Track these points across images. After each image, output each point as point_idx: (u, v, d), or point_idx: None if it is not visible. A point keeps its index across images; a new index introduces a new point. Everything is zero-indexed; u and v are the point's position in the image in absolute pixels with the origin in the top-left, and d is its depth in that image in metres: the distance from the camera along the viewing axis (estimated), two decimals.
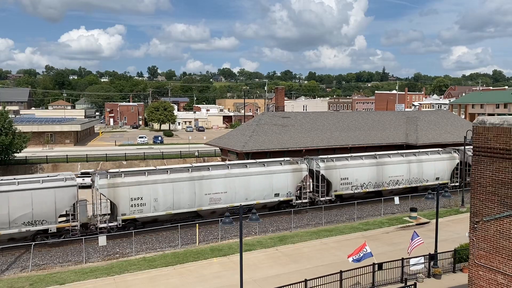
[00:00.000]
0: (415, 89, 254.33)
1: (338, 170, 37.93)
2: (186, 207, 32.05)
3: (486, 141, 13.92)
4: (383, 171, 40.11)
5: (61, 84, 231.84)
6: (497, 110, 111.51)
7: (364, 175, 39.09)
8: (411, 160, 41.51)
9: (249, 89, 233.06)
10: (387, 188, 40.22)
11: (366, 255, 21.40)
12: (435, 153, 43.46)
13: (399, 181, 40.82)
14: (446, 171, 43.42)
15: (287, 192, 35.77)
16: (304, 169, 36.57)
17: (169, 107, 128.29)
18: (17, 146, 56.98)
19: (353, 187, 38.65)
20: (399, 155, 41.74)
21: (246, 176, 34.21)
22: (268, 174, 35.02)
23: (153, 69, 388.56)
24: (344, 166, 38.26)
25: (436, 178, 42.65)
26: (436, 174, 42.68)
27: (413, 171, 41.51)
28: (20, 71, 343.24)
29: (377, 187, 39.81)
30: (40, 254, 27.35)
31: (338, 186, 37.98)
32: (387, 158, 40.68)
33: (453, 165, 43.81)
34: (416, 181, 41.79)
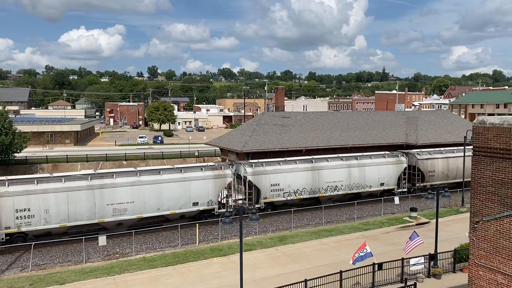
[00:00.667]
0: (415, 89, 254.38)
1: (268, 175, 35.19)
2: (84, 219, 28.99)
3: (486, 141, 13.93)
4: (320, 176, 37.26)
5: (61, 84, 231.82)
6: (497, 110, 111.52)
7: (298, 181, 36.35)
8: (351, 164, 38.74)
9: (249, 89, 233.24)
10: (324, 194, 37.44)
11: (366, 255, 21.41)
12: (380, 157, 40.77)
13: (338, 187, 38.00)
14: (392, 176, 40.66)
15: (208, 201, 32.69)
16: (228, 175, 33.78)
17: (169, 107, 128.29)
18: (17, 146, 56.98)
19: (285, 194, 35.91)
20: (338, 159, 38.92)
21: (158, 183, 31.07)
22: (185, 181, 31.90)
23: (153, 69, 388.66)
24: (275, 171, 35.56)
25: (380, 184, 39.98)
26: (380, 179, 39.94)
27: (354, 176, 38.71)
28: (20, 71, 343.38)
29: (313, 193, 37.04)
30: (40, 254, 27.36)
31: (268, 193, 35.22)
32: (324, 162, 37.96)
33: (400, 169, 41.12)
34: (358, 187, 38.92)
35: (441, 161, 43.34)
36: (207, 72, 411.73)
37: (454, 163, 43.92)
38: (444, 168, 43.57)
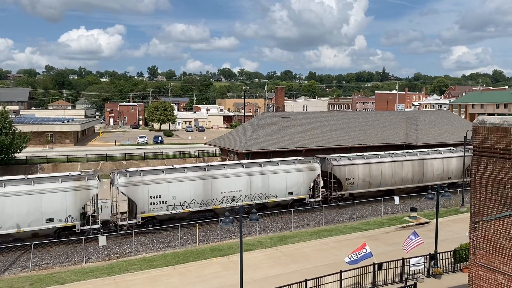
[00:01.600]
0: (415, 89, 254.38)
1: (146, 186, 30.76)
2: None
3: (486, 141, 13.93)
4: (214, 186, 33.07)
5: (61, 84, 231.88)
6: (497, 110, 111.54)
7: (186, 192, 32.04)
8: (253, 171, 34.66)
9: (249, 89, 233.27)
10: (219, 206, 33.30)
11: (366, 255, 21.40)
12: (289, 163, 36.57)
13: (236, 197, 33.85)
14: (303, 184, 36.36)
15: (67, 217, 28.52)
16: (92, 187, 29.34)
17: (169, 107, 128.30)
18: (17, 146, 56.98)
19: (169, 207, 31.55)
20: (237, 166, 34.95)
21: None
22: (35, 194, 27.80)
23: (153, 69, 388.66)
24: (155, 181, 31.14)
25: (289, 193, 35.87)
26: (289, 188, 35.79)
27: (255, 185, 34.52)
28: (20, 71, 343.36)
29: (206, 205, 32.84)
30: (40, 254, 27.36)
31: (147, 206, 30.84)
32: (219, 170, 33.81)
33: (313, 177, 36.85)
34: (261, 197, 34.81)
35: (361, 167, 38.89)
36: (207, 72, 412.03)
37: (377, 169, 39.62)
38: (366, 175, 39.00)
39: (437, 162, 43.17)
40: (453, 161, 44.05)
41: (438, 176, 43.23)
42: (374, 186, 39.98)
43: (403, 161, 41.34)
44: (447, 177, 43.91)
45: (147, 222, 31.38)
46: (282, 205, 36.42)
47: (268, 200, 35.43)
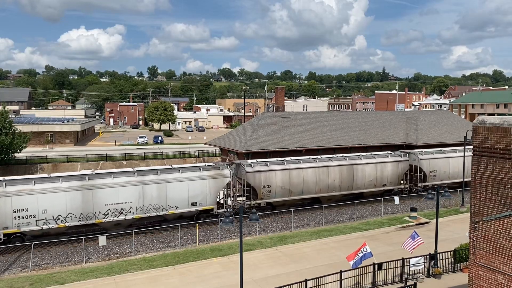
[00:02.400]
0: (415, 89, 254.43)
1: (8, 198, 26.92)
2: None
3: (486, 141, 13.93)
4: (96, 197, 29.09)
5: (61, 84, 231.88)
6: (497, 110, 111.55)
7: (60, 204, 28.11)
8: (147, 180, 30.64)
9: (249, 89, 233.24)
10: (104, 220, 29.46)
11: (366, 255, 21.40)
12: (193, 170, 32.91)
13: (125, 210, 29.88)
14: (209, 193, 32.82)
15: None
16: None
17: (169, 107, 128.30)
18: (17, 146, 57.02)
19: (40, 222, 27.66)
20: (129, 174, 30.75)
21: None
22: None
23: (153, 69, 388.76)
24: (20, 193, 27.22)
25: (192, 204, 32.21)
26: (192, 198, 32.12)
27: (149, 195, 30.61)
28: (20, 71, 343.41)
29: (87, 219, 28.91)
30: (40, 254, 27.36)
31: (10, 222, 26.98)
32: (104, 179, 29.54)
33: (221, 185, 33.59)
34: (157, 209, 30.97)
35: (280, 173, 35.61)
36: (207, 72, 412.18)
37: (299, 176, 36.44)
38: (285, 182, 35.73)
39: (369, 168, 39.45)
40: (388, 167, 40.37)
41: (371, 183, 39.62)
42: (296, 194, 36.35)
43: (329, 167, 37.68)
44: (382, 183, 40.21)
45: (13, 239, 27.57)
46: (186, 217, 32.77)
47: (167, 212, 31.47)
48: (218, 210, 33.65)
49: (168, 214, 31.74)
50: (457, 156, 43.50)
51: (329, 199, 38.54)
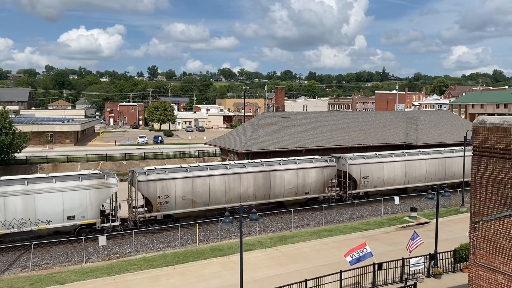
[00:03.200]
0: (415, 89, 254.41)
1: None
2: None
3: (486, 141, 13.93)
4: None
5: (61, 84, 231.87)
6: (497, 110, 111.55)
7: None
8: (9, 192, 27.07)
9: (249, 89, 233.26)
10: None
11: (366, 255, 21.41)
12: (70, 179, 29.16)
13: None
14: (91, 205, 29.11)
15: None
16: None
17: (169, 107, 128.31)
18: (17, 146, 57.00)
19: None
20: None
21: None
22: None
23: (153, 69, 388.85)
24: None
25: (69, 217, 28.51)
26: (68, 211, 28.46)
27: (12, 209, 27.08)
28: (20, 71, 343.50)
29: None
30: (40, 254, 27.36)
31: None
32: None
33: (105, 196, 29.90)
34: (24, 224, 27.47)
35: (180, 182, 31.75)
36: (207, 72, 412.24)
37: (204, 184, 32.49)
38: (187, 192, 31.92)
39: (289, 174, 35.69)
40: (311, 173, 36.57)
41: (291, 190, 35.87)
42: (201, 205, 32.66)
43: (241, 174, 33.90)
44: (304, 191, 36.50)
45: None
46: (63, 232, 29.38)
47: (36, 228, 27.93)
48: (104, 224, 29.96)
49: (38, 230, 28.14)
50: (392, 161, 40.58)
51: (244, 209, 32.89)
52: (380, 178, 39.88)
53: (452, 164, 43.42)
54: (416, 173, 41.80)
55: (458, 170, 42.10)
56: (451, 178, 43.73)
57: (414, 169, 41.61)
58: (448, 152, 44.25)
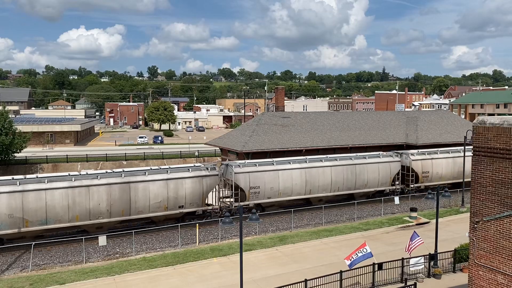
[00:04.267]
0: (415, 89, 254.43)
1: None
2: None
3: (486, 141, 13.93)
4: None
5: (61, 84, 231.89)
6: (497, 110, 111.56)
7: None
8: None
9: (249, 89, 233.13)
10: None
11: (366, 255, 21.40)
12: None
13: None
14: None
15: None
16: None
17: (169, 107, 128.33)
18: (17, 146, 57.00)
19: None
20: None
21: None
22: None
23: (153, 69, 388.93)
24: None
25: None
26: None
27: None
28: (20, 71, 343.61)
29: None
30: (40, 254, 27.35)
31: None
32: None
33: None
34: None
35: (5, 197, 26.64)
36: (207, 72, 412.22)
37: (39, 199, 27.46)
38: (15, 210, 26.90)
39: (155, 186, 30.85)
40: (186, 184, 32.01)
41: (158, 205, 31.07)
42: (36, 224, 27.60)
43: (90, 186, 28.82)
44: (177, 205, 31.84)
45: None
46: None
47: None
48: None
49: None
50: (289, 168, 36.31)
51: (98, 227, 29.74)
52: (274, 188, 35.39)
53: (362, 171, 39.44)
54: (319, 182, 37.44)
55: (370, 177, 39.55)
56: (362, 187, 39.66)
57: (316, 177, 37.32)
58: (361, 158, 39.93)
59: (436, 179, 42.54)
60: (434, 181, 42.28)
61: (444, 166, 43.05)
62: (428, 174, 42.10)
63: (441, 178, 42.80)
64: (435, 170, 42.51)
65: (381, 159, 40.52)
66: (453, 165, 43.23)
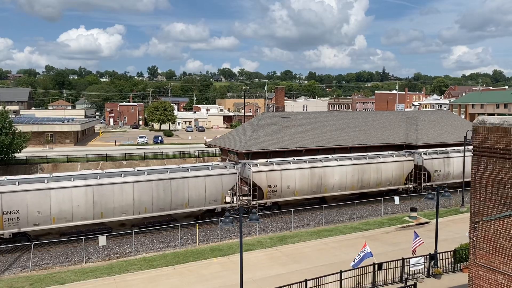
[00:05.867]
0: (415, 89, 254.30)
1: None
2: None
3: (486, 141, 13.93)
4: None
5: (61, 84, 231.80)
6: (497, 110, 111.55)
7: None
8: None
9: (249, 89, 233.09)
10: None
11: (367, 255, 21.41)
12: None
13: None
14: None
15: None
16: None
17: (169, 107, 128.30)
18: (17, 146, 56.98)
19: None
20: None
21: None
22: None
23: (153, 69, 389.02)
24: None
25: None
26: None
27: None
28: (20, 71, 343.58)
29: None
30: (40, 254, 27.36)
31: None
32: None
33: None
34: None
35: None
36: (207, 72, 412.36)
37: None
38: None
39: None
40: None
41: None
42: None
43: None
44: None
45: None
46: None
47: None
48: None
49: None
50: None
51: None
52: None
53: None
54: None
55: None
56: None
57: None
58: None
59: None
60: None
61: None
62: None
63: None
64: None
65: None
66: None
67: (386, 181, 40.81)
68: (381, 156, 41.10)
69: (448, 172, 43.66)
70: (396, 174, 41.15)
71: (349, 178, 38.92)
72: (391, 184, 41.15)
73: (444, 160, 43.44)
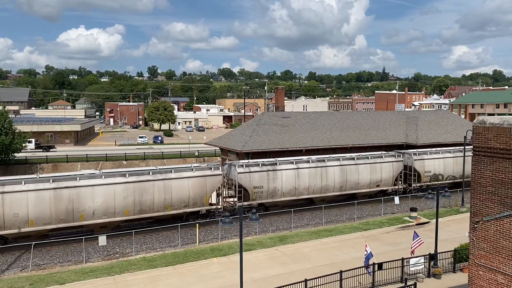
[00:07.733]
0: (415, 89, 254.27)
1: None
2: None
3: (486, 141, 13.92)
4: None
5: (61, 84, 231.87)
6: (497, 110, 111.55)
7: None
8: None
9: (249, 89, 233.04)
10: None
11: (369, 256, 21.43)
12: None
13: None
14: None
15: None
16: None
17: (169, 107, 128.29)
18: (17, 146, 56.97)
19: None
20: None
21: None
22: None
23: (153, 69, 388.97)
24: None
25: None
26: None
27: None
28: (20, 71, 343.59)
29: None
30: (40, 254, 27.35)
31: None
32: None
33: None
34: None
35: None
36: (207, 72, 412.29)
37: None
38: None
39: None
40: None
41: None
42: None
43: None
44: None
45: None
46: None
47: None
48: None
49: None
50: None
51: None
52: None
53: None
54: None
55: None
56: None
57: None
58: None
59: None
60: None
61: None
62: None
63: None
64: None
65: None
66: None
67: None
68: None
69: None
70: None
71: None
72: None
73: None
